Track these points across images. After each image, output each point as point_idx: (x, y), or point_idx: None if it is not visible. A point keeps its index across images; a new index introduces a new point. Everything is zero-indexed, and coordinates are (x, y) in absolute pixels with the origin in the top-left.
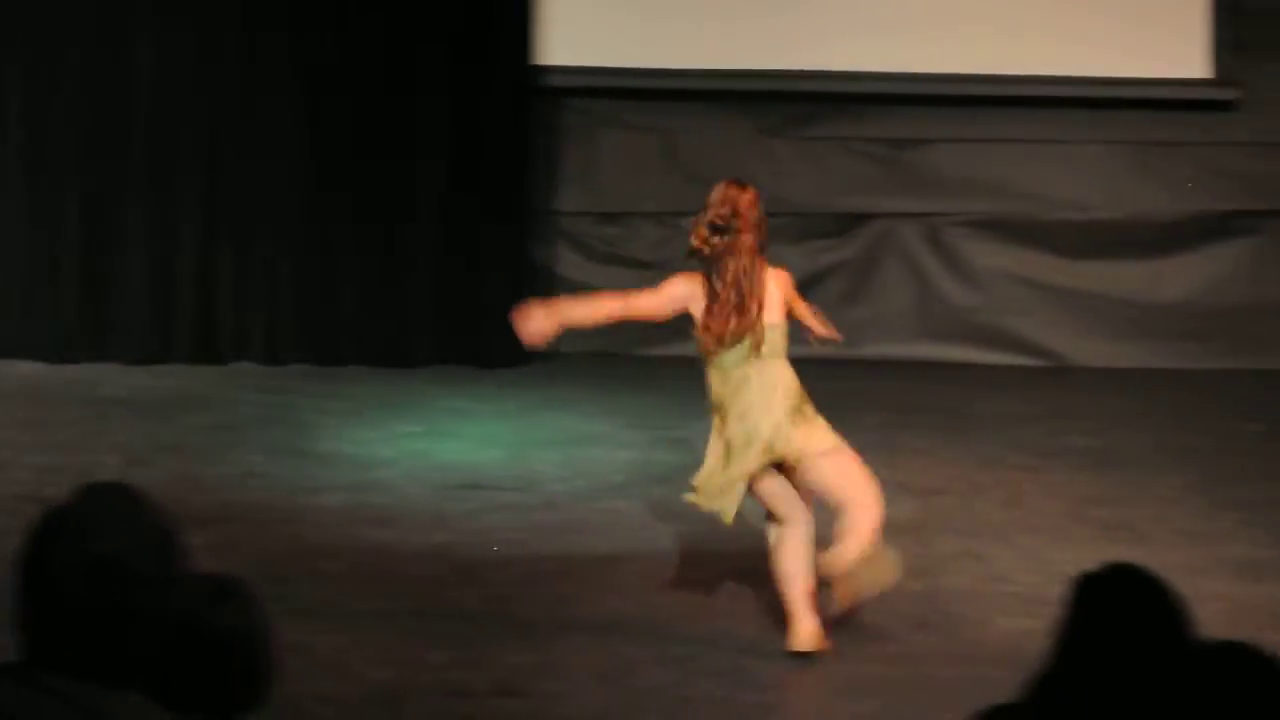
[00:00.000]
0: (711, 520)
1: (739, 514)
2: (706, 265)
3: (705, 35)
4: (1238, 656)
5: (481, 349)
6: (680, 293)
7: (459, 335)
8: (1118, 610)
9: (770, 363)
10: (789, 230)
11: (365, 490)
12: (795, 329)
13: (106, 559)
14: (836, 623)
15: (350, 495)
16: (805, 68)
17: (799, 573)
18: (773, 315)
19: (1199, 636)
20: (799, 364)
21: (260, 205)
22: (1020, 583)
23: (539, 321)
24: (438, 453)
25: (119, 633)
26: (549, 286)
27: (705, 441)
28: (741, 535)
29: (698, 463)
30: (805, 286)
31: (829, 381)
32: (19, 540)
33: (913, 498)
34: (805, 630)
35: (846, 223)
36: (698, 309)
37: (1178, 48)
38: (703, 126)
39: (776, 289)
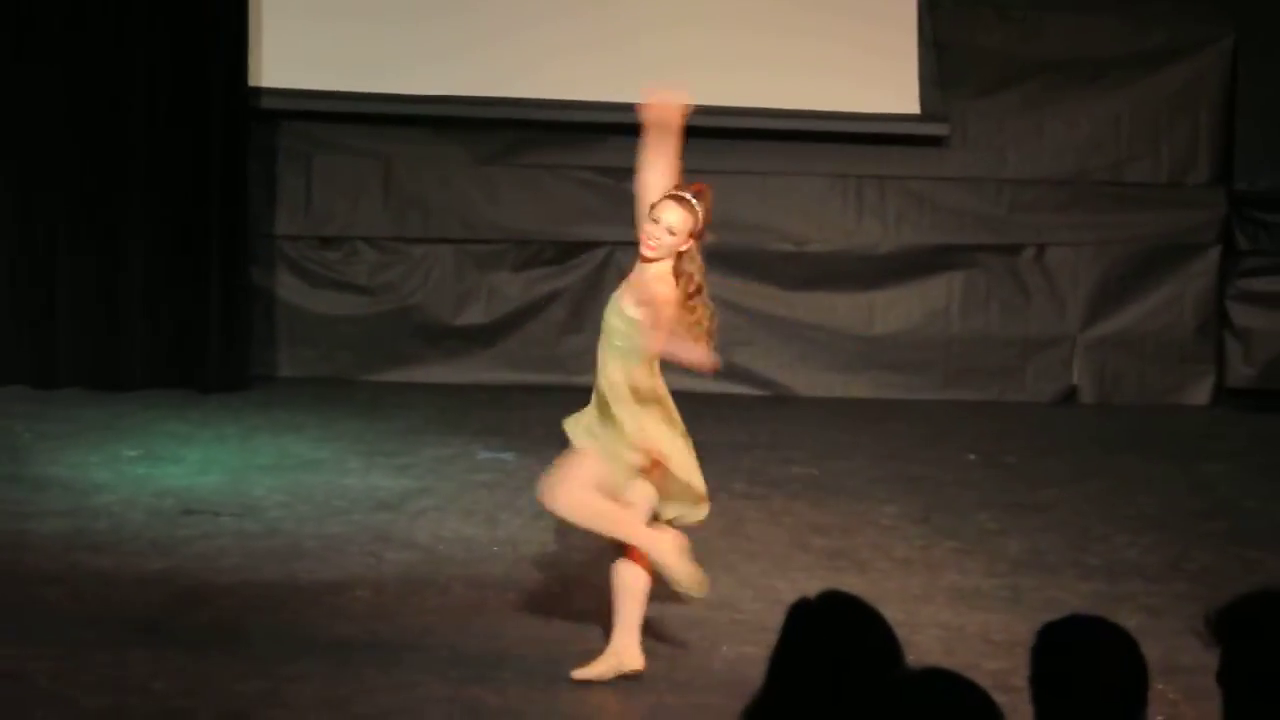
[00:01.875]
0: (435, 547)
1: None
2: (681, 262)
3: (425, 61)
4: (939, 682)
5: (200, 372)
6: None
7: (177, 358)
8: (829, 637)
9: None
10: (508, 258)
11: (84, 515)
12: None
13: None
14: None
15: (68, 521)
16: (523, 96)
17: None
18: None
19: (908, 664)
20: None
21: None
22: (744, 610)
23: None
24: (157, 477)
25: None
26: (269, 309)
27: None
28: (468, 561)
29: (422, 489)
30: (525, 314)
31: (547, 408)
32: None
33: None
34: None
35: (566, 250)
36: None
37: (892, 83)
38: (422, 153)
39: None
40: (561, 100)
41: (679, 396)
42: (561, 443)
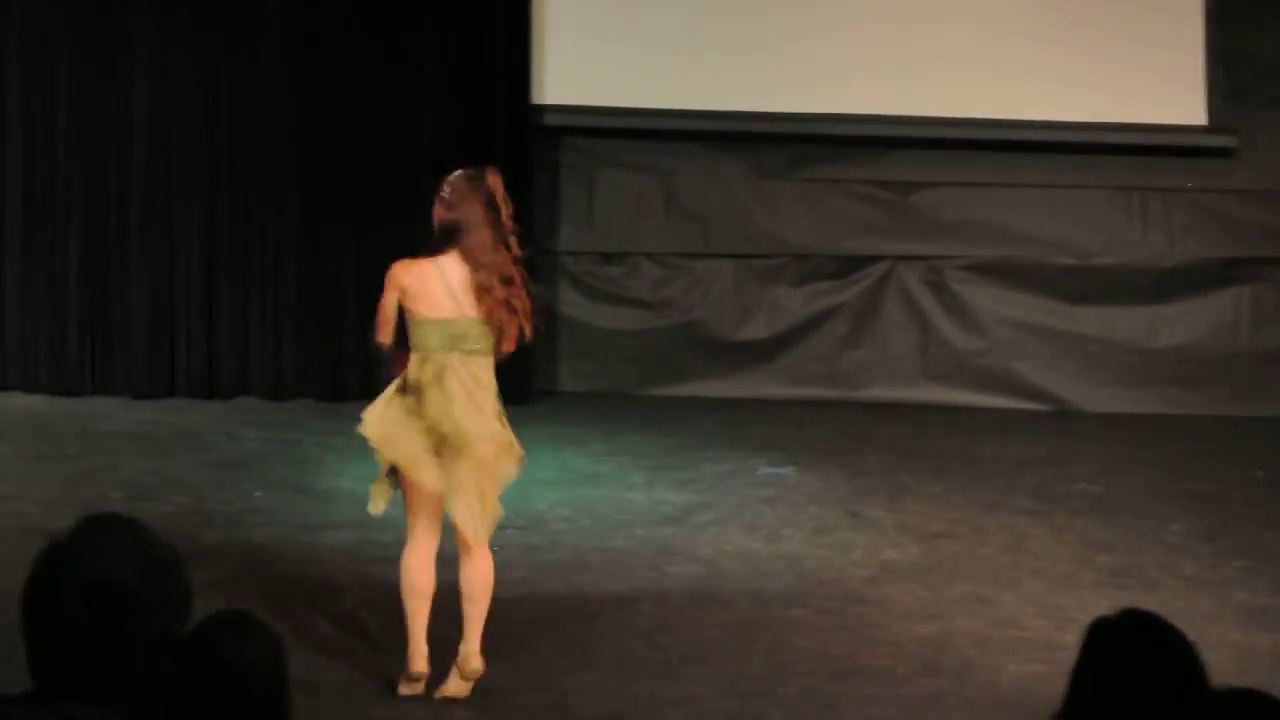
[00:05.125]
0: (718, 561)
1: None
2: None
3: (706, 77)
4: (1251, 704)
5: None
6: None
7: None
8: (1133, 657)
9: None
10: (788, 272)
11: (370, 528)
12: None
13: (105, 584)
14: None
15: (355, 533)
16: (806, 110)
17: None
18: None
19: (1211, 684)
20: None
21: (262, 243)
22: (1029, 627)
23: None
24: None
25: (121, 656)
26: (550, 324)
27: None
28: (750, 576)
29: (704, 504)
30: (806, 328)
31: (829, 424)
32: (19, 570)
33: (916, 541)
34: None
35: (848, 265)
36: None
37: (1177, 94)
38: (703, 168)
39: None
40: (843, 114)
41: (941, 411)
42: (842, 459)
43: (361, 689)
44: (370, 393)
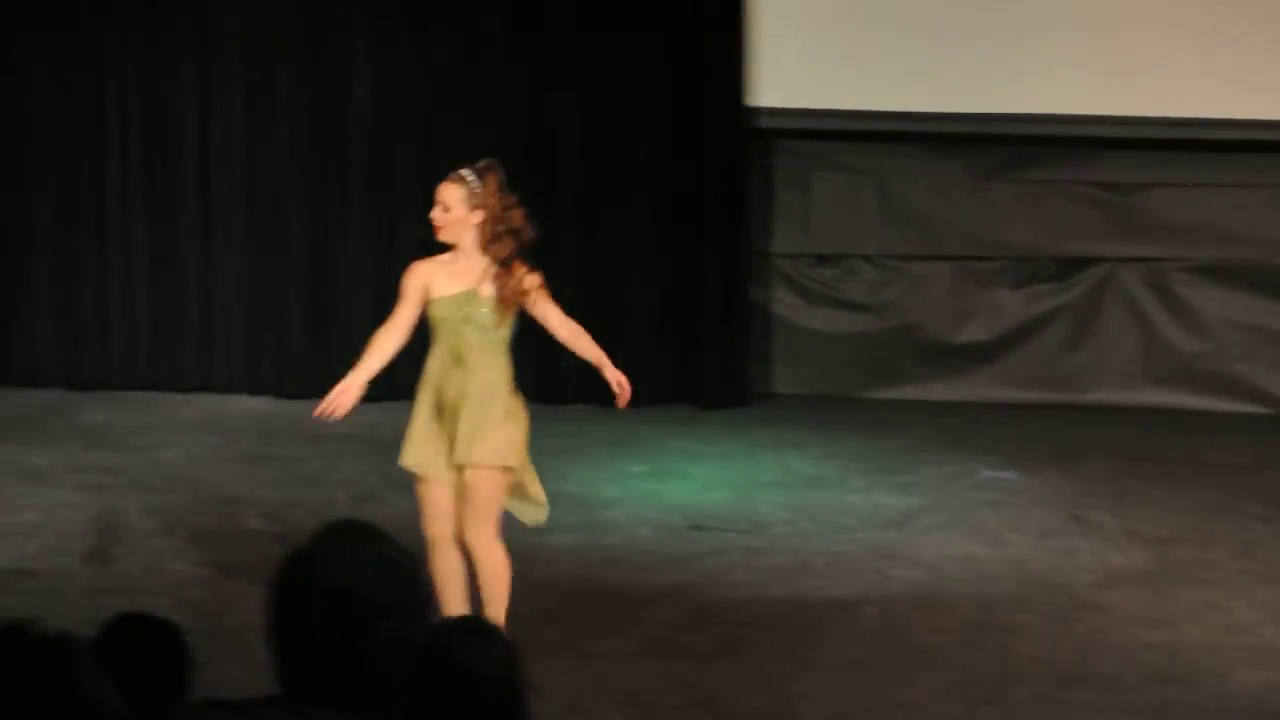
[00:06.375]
0: (941, 566)
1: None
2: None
3: (921, 78)
4: None
5: (702, 389)
6: None
7: (679, 375)
8: None
9: None
10: (1008, 274)
11: (594, 530)
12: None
13: (344, 591)
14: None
15: (579, 535)
16: (1023, 111)
17: None
18: None
19: None
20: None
21: None
22: (1261, 635)
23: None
24: (665, 493)
25: (360, 662)
26: (765, 326)
27: (931, 486)
28: (974, 580)
29: (926, 507)
30: (1026, 331)
31: (1051, 427)
32: (251, 572)
33: (1144, 547)
34: None
35: (1068, 267)
36: None
37: None
38: (919, 169)
39: None
40: (1062, 115)
41: (1164, 415)
42: (1064, 463)
43: (594, 692)
44: (585, 394)
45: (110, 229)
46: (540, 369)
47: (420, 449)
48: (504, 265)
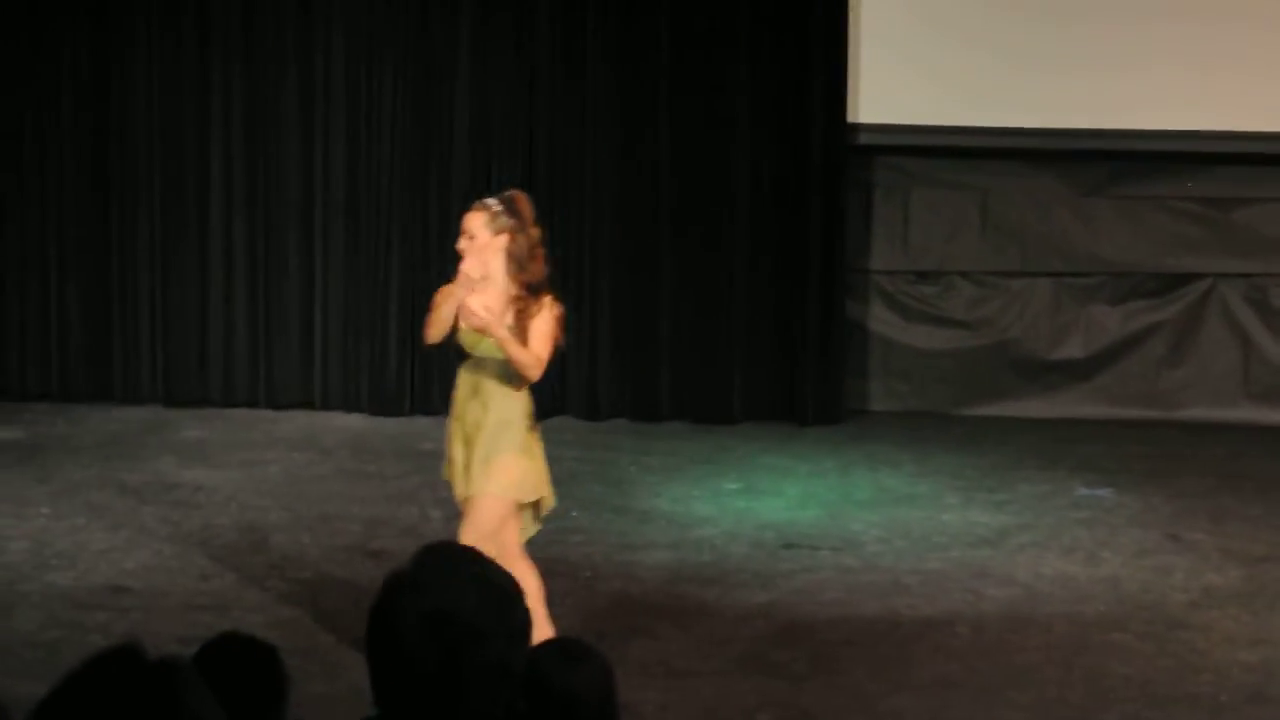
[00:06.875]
0: (1035, 584)
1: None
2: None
3: (1021, 94)
4: None
5: (798, 406)
6: None
7: (776, 391)
8: None
9: None
10: (1106, 290)
11: (687, 547)
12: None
13: (444, 614)
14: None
15: (673, 553)
16: (1124, 127)
17: None
18: None
19: None
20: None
21: (579, 262)
22: None
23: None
24: (758, 510)
25: (461, 686)
26: (862, 343)
27: (1026, 503)
28: (1068, 600)
29: (1021, 525)
30: (1124, 347)
31: (1148, 444)
32: (344, 589)
33: (1239, 565)
34: None
35: (1167, 283)
36: None
37: None
38: (1019, 185)
39: None
40: (1162, 130)
41: (1262, 432)
42: (1161, 480)
43: (682, 710)
44: (681, 411)
45: (211, 248)
46: (638, 389)
47: (450, 471)
48: (531, 293)
